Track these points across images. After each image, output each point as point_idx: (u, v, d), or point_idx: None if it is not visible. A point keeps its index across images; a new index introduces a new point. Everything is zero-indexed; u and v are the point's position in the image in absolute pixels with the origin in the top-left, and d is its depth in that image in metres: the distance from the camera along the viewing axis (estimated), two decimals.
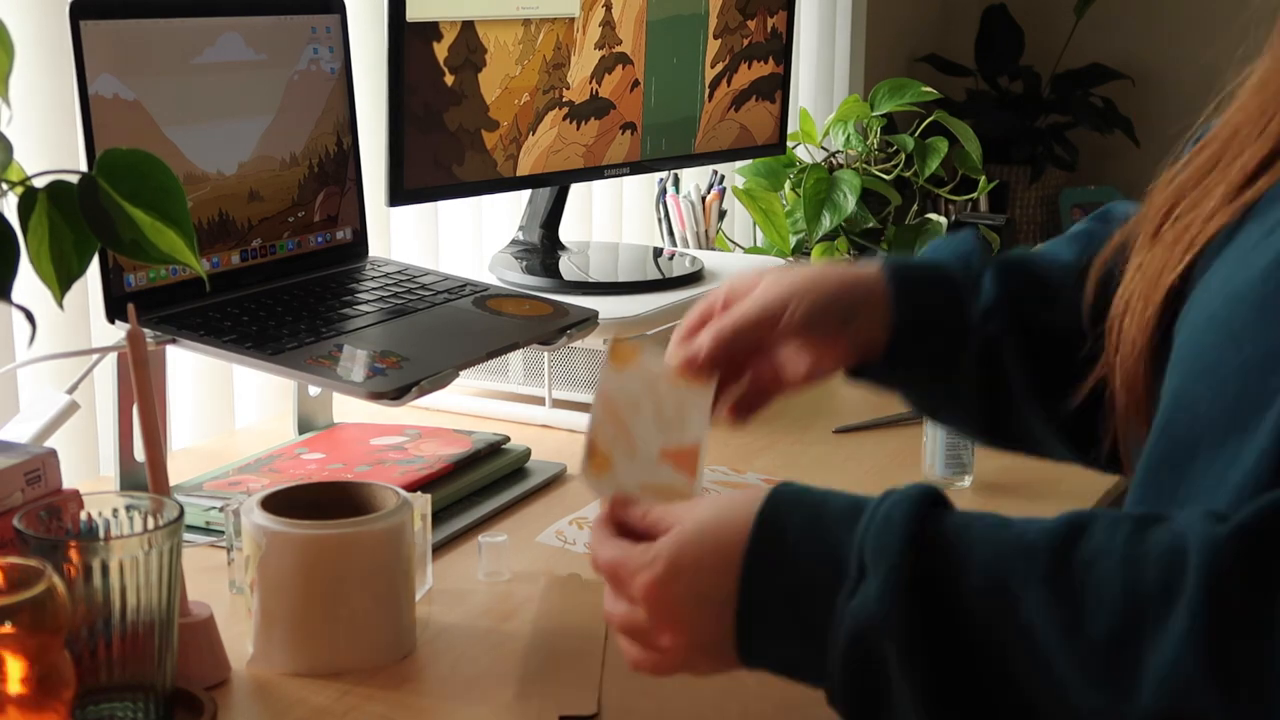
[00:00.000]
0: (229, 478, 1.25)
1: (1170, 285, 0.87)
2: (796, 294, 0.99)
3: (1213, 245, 0.86)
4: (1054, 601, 0.70)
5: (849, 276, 1.01)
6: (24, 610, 0.74)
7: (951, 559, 0.72)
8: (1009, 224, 2.20)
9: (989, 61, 3.17)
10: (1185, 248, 0.87)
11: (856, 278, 1.01)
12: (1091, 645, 0.70)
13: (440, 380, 1.19)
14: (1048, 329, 1.02)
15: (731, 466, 1.35)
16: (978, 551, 0.72)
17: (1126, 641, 0.69)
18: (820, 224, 2.00)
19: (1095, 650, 0.70)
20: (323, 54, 1.38)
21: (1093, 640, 0.70)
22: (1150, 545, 0.71)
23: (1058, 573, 0.71)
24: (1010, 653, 0.71)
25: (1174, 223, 0.90)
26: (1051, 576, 0.71)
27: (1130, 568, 0.71)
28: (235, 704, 0.94)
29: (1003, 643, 0.71)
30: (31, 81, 1.29)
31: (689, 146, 1.79)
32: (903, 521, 0.73)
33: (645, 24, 1.68)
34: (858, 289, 1.00)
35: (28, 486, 0.95)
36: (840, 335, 1.00)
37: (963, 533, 0.73)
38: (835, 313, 0.99)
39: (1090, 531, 0.73)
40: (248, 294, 1.28)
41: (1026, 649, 0.71)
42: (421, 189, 1.47)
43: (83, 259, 0.90)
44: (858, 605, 0.72)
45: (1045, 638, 0.70)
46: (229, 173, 1.29)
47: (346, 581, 0.96)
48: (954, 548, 0.72)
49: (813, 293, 0.99)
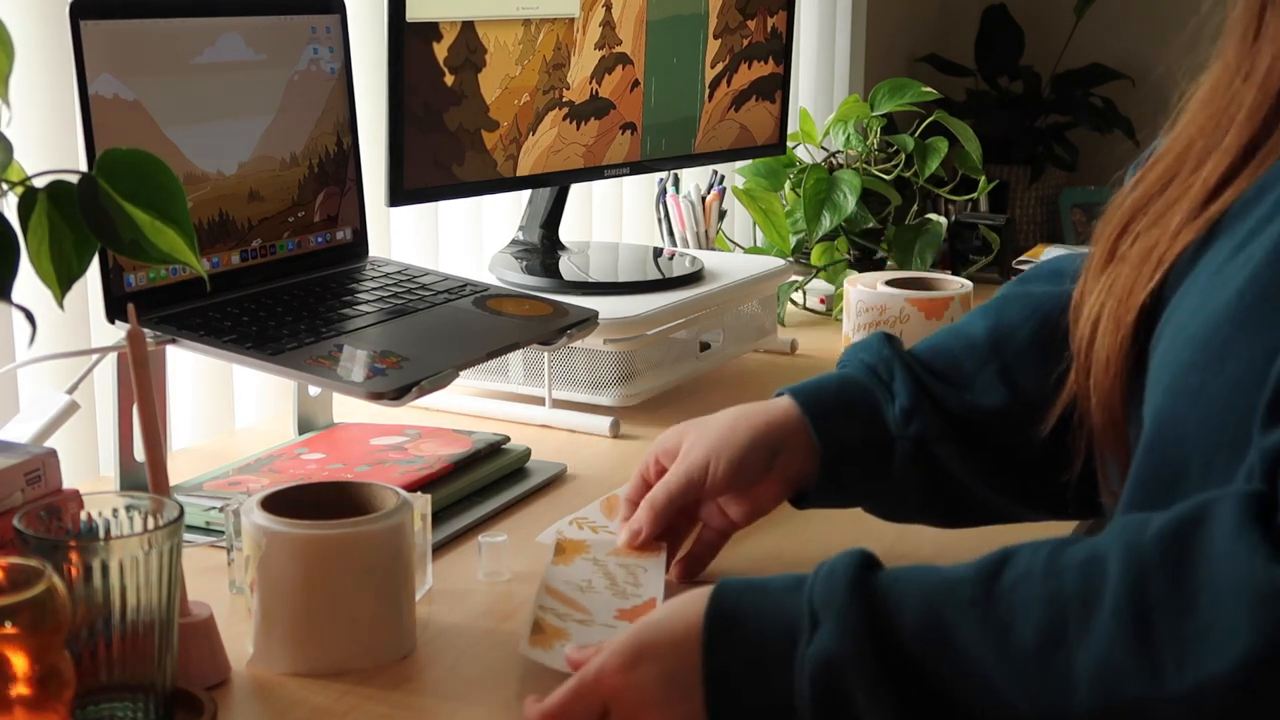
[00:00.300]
0: (229, 478, 1.25)
1: (1142, 304, 0.88)
2: (714, 453, 1.06)
3: (1181, 261, 0.86)
4: (983, 623, 0.75)
5: (761, 421, 1.06)
6: (24, 610, 0.74)
7: (888, 605, 0.77)
8: (1009, 224, 2.20)
9: (989, 61, 3.17)
10: (1155, 265, 0.87)
11: (769, 420, 1.06)
12: (1023, 657, 0.73)
13: (440, 380, 1.19)
14: (971, 411, 1.05)
15: None
16: (910, 597, 0.78)
17: (1055, 647, 0.73)
18: (820, 224, 2.00)
19: (1027, 661, 0.73)
20: (323, 54, 1.38)
21: (1023, 652, 0.73)
22: (1068, 557, 0.75)
23: (985, 598, 0.76)
24: (952, 683, 0.75)
25: (1135, 241, 0.90)
26: (979, 601, 0.76)
27: (1050, 579, 0.75)
28: (235, 704, 0.94)
29: (945, 674, 0.75)
30: (31, 81, 1.29)
31: (689, 146, 1.80)
32: (845, 572, 0.79)
33: (645, 24, 1.68)
34: (774, 431, 1.05)
35: (28, 486, 0.95)
36: (767, 478, 1.06)
37: (893, 584, 0.79)
38: (756, 461, 1.05)
39: (1014, 559, 0.77)
40: (248, 294, 1.28)
41: (966, 673, 0.75)
42: (421, 189, 1.47)
43: (83, 259, 0.90)
44: (815, 649, 0.78)
45: (981, 659, 0.74)
46: (229, 173, 1.29)
47: (346, 581, 0.96)
48: (888, 597, 0.78)
49: (729, 448, 1.05)
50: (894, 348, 1.08)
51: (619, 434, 1.47)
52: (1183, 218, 0.87)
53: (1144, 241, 0.89)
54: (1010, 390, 1.04)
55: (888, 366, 1.06)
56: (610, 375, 1.50)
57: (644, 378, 1.53)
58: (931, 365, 1.07)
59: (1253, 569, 0.69)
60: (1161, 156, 0.93)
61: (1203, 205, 0.86)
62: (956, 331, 1.10)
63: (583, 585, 1.03)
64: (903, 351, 1.08)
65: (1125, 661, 0.71)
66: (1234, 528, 0.71)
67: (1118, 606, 0.72)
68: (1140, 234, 0.90)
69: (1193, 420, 0.80)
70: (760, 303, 1.74)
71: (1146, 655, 0.70)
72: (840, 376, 1.08)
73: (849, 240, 2.08)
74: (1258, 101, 0.86)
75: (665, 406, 1.55)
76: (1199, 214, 0.86)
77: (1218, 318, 0.80)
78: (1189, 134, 0.91)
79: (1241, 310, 0.78)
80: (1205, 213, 0.86)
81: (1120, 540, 0.75)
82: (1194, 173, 0.88)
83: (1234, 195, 0.85)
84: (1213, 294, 0.81)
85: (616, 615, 0.99)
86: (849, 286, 1.79)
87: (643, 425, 1.50)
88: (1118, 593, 0.72)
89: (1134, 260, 0.89)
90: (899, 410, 1.04)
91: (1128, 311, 0.88)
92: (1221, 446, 0.77)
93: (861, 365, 1.08)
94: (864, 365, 1.08)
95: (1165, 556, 0.72)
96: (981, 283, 2.04)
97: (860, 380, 1.07)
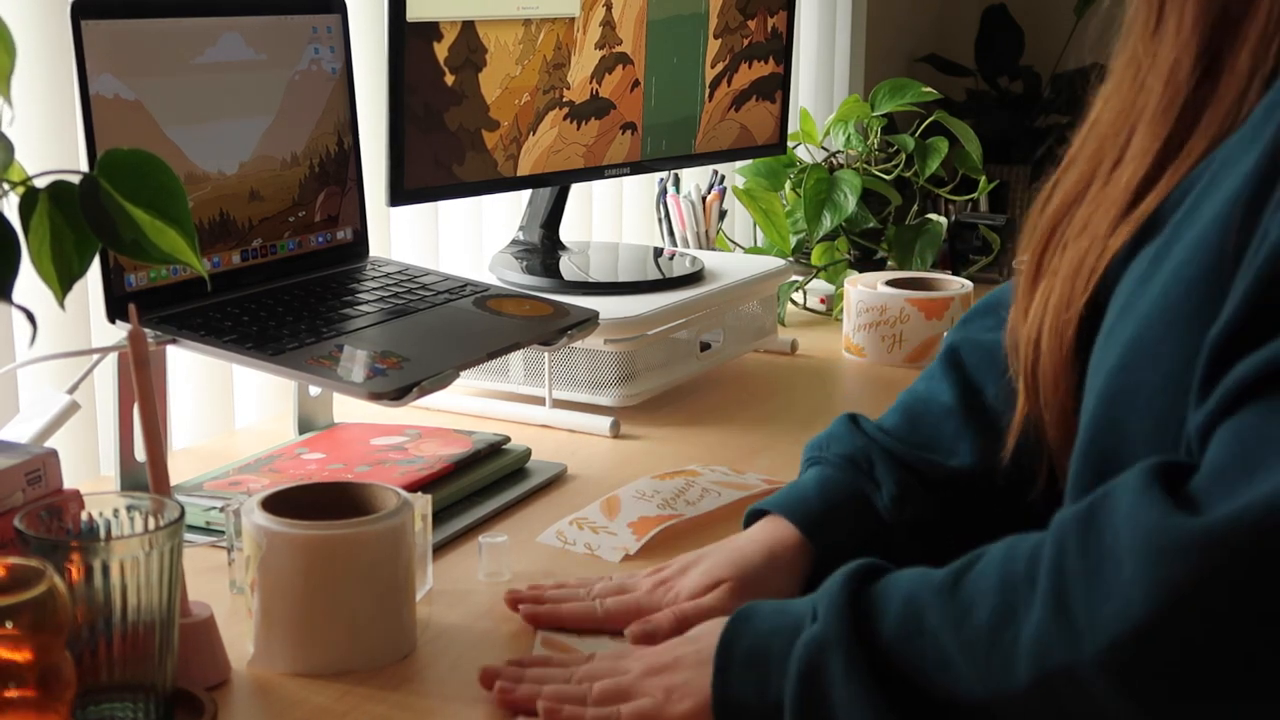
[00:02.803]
0: (229, 478, 1.25)
1: (1080, 316, 0.87)
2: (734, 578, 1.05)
3: (1113, 266, 0.85)
4: (947, 609, 0.79)
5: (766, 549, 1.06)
6: (25, 610, 0.74)
7: (876, 596, 0.82)
8: (1009, 224, 2.20)
9: (989, 61, 3.17)
10: (1087, 275, 0.87)
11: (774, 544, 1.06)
12: (978, 638, 0.77)
13: (441, 380, 1.19)
14: (957, 476, 1.05)
15: (732, 466, 1.35)
16: (897, 589, 0.82)
17: (1003, 626, 0.76)
18: (820, 224, 2.00)
19: (980, 641, 0.77)
20: (323, 54, 1.38)
21: (978, 633, 0.77)
22: (1022, 545, 0.78)
23: (953, 586, 0.79)
24: (922, 667, 0.79)
25: (1064, 251, 0.90)
26: (946, 589, 0.79)
27: (1006, 564, 0.78)
28: (235, 704, 0.94)
29: (915, 659, 0.79)
30: (32, 81, 1.29)
31: (689, 146, 1.80)
32: (843, 575, 0.84)
33: (645, 24, 1.68)
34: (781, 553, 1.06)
35: (28, 486, 0.96)
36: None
37: (888, 581, 0.84)
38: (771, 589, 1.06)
39: (986, 553, 0.80)
40: (248, 294, 1.28)
41: (933, 658, 0.78)
42: (422, 189, 1.47)
43: (84, 259, 0.90)
44: (808, 634, 0.83)
45: (946, 644, 0.78)
46: (230, 172, 1.29)
47: (346, 581, 0.96)
48: (879, 590, 0.83)
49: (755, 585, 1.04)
50: (867, 433, 1.07)
51: (619, 434, 1.47)
52: (1109, 223, 0.86)
53: (1072, 252, 0.88)
54: (992, 443, 1.03)
55: (865, 455, 1.06)
56: (610, 375, 1.50)
57: (644, 378, 1.53)
58: (909, 439, 1.06)
59: (1150, 523, 0.70)
60: (1074, 160, 0.91)
61: (1127, 208, 0.85)
62: (923, 399, 1.09)
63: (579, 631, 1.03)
64: (876, 434, 1.07)
65: (1051, 632, 0.73)
66: (1137, 489, 0.72)
67: (1044, 581, 0.74)
68: (1068, 244, 0.89)
69: (1129, 421, 0.80)
70: (760, 303, 1.74)
71: (1066, 622, 0.72)
72: (820, 479, 1.07)
73: (849, 240, 2.09)
74: (1167, 97, 0.85)
75: (665, 406, 1.55)
76: (1125, 217, 0.85)
77: (1147, 318, 0.80)
78: (1099, 133, 0.90)
79: (1169, 309, 0.78)
80: (1131, 215, 0.85)
81: (1057, 524, 0.76)
82: (1111, 174, 0.87)
83: (1158, 198, 0.84)
84: (1141, 296, 0.81)
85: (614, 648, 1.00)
86: (849, 286, 1.79)
87: (643, 425, 1.50)
88: (1045, 569, 0.74)
89: (1065, 273, 0.88)
90: (888, 499, 1.04)
91: (1067, 326, 0.87)
92: (1160, 446, 0.77)
93: (840, 458, 1.07)
94: (843, 457, 1.06)
95: (1078, 526, 0.74)
96: (981, 283, 2.05)
97: (845, 481, 1.06)
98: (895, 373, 1.72)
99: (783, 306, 1.92)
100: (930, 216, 2.11)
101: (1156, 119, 0.85)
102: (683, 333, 1.59)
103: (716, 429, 1.50)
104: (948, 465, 1.05)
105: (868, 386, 1.69)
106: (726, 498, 1.26)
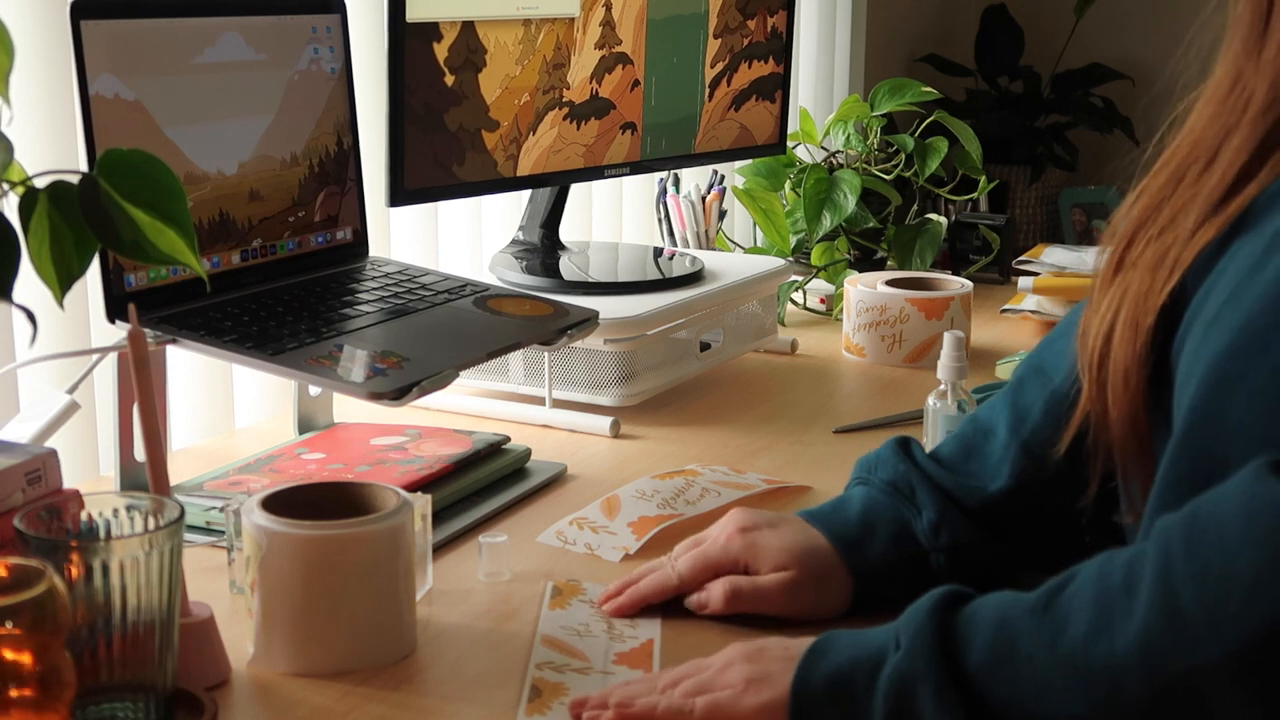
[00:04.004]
0: (229, 478, 1.25)
1: (1160, 306, 0.87)
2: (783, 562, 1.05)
3: (1199, 261, 0.85)
4: (1040, 628, 0.78)
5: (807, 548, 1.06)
6: (25, 610, 0.74)
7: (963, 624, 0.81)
8: (1009, 224, 2.21)
9: (989, 61, 3.17)
10: (1170, 268, 0.87)
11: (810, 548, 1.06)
12: (1074, 651, 0.76)
13: (440, 380, 1.19)
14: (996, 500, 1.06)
15: (732, 466, 1.35)
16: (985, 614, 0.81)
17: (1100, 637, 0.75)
18: (820, 224, 2.00)
19: (1077, 654, 0.76)
20: (323, 54, 1.38)
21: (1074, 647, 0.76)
22: (1117, 559, 0.77)
23: (1045, 607, 0.79)
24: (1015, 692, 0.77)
25: (1146, 248, 0.89)
26: (1040, 609, 0.79)
27: (1101, 580, 0.77)
28: (236, 704, 0.94)
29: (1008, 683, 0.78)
30: (32, 81, 1.29)
31: (689, 146, 1.80)
32: (928, 602, 0.83)
33: (645, 24, 1.68)
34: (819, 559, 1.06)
35: (28, 486, 0.95)
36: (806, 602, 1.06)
37: (975, 607, 0.82)
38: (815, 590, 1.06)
39: (1079, 571, 0.79)
40: (248, 294, 1.28)
41: (1028, 679, 0.77)
42: (422, 189, 1.47)
43: (83, 259, 0.90)
44: (892, 665, 0.81)
45: (1041, 663, 0.77)
46: (229, 173, 1.29)
47: (346, 581, 0.96)
48: (966, 617, 0.81)
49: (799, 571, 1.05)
50: (914, 460, 1.09)
51: (619, 434, 1.47)
52: (1197, 218, 0.86)
53: (1155, 247, 0.88)
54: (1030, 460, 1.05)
55: (907, 481, 1.07)
56: (610, 375, 1.50)
57: (644, 378, 1.53)
58: (959, 467, 1.08)
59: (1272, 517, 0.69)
60: (1165, 163, 0.92)
61: (1220, 203, 0.85)
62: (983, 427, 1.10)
63: (580, 629, 1.03)
64: (923, 461, 1.08)
65: (1163, 638, 0.72)
66: (1250, 484, 0.71)
67: (1150, 587, 0.73)
68: (1150, 241, 0.89)
69: (1232, 409, 0.79)
70: (760, 303, 1.74)
71: (1181, 628, 0.71)
72: (864, 497, 1.09)
73: (849, 240, 2.09)
74: (1270, 95, 0.85)
75: (665, 406, 1.55)
76: (1216, 213, 0.85)
77: (1260, 302, 0.79)
78: (1193, 136, 0.90)
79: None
80: (1224, 211, 0.85)
81: (1158, 530, 0.76)
82: (1205, 172, 0.87)
83: (1256, 190, 0.84)
84: (1249, 284, 0.80)
85: (615, 660, 0.99)
86: (849, 286, 1.79)
87: (643, 425, 1.50)
88: (1150, 575, 0.74)
89: (1146, 266, 0.88)
90: (927, 525, 1.06)
91: (1145, 315, 0.87)
92: (1267, 438, 0.76)
93: (884, 483, 1.08)
94: (886, 482, 1.08)
95: (1184, 529, 0.73)
96: (981, 283, 2.05)
97: (884, 507, 1.07)
98: (895, 372, 1.72)
99: (783, 306, 1.92)
100: (930, 216, 2.11)
101: (1256, 117, 0.86)
102: (683, 333, 1.59)
103: (716, 429, 1.50)
104: (988, 490, 1.06)
105: (868, 386, 1.69)
106: (726, 497, 1.26)
